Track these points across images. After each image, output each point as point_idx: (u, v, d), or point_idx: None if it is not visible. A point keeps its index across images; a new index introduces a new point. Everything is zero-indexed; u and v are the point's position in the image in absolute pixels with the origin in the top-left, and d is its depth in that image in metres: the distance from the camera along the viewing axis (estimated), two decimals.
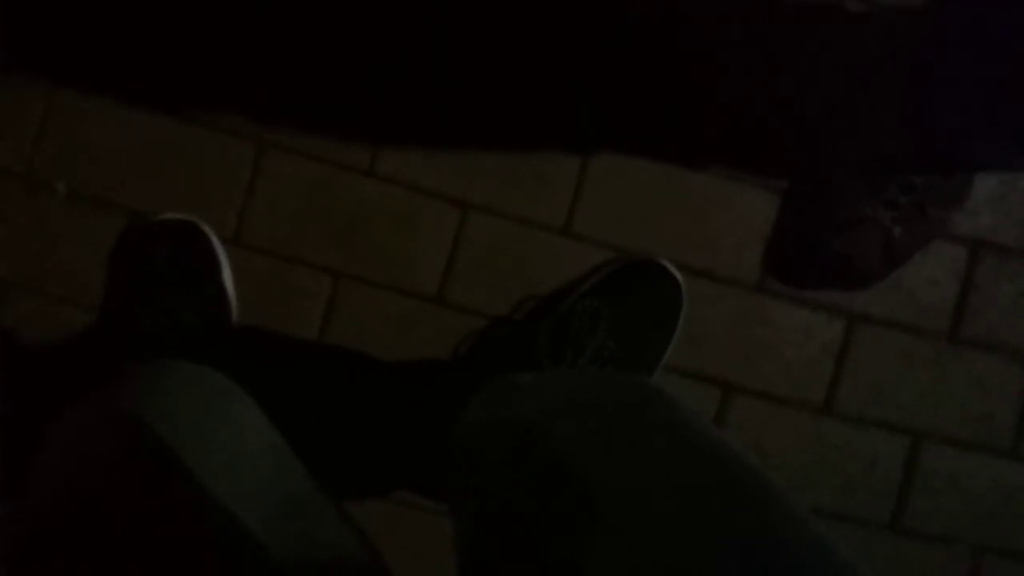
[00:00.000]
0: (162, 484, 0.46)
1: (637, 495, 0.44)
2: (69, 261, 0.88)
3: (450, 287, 0.90)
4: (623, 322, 0.84)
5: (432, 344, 0.90)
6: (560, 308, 0.85)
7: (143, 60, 0.88)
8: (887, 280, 0.91)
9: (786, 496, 0.43)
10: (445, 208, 0.90)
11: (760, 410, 0.93)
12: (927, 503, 0.94)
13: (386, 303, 0.90)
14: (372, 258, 0.90)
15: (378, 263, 0.90)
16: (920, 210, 0.86)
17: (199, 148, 0.88)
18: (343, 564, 0.48)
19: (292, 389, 0.89)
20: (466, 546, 0.55)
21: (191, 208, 0.87)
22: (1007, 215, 0.93)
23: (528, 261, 0.90)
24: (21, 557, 0.44)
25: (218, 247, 0.86)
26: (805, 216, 0.90)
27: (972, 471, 0.94)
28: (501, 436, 0.60)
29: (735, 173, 0.91)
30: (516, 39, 0.90)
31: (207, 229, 0.86)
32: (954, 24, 0.75)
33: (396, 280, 0.90)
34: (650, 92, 0.90)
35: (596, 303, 0.84)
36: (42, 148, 0.88)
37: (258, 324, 0.89)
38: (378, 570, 0.50)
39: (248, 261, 0.89)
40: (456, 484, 0.63)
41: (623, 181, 0.90)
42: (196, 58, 0.88)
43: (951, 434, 0.94)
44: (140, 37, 0.88)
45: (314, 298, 0.90)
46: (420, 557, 0.74)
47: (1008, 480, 0.95)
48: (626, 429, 0.51)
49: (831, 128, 0.91)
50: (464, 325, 0.90)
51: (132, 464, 0.47)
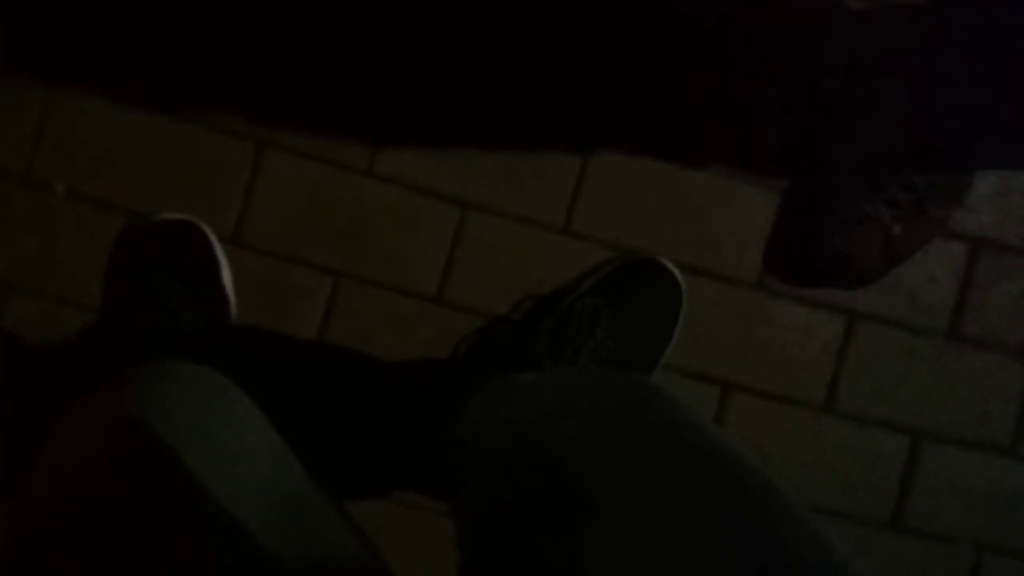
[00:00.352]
0: (162, 484, 0.46)
1: (637, 494, 0.44)
2: (68, 261, 0.88)
3: (450, 287, 0.90)
4: (623, 321, 0.84)
5: (432, 344, 0.90)
6: (560, 307, 0.85)
7: (143, 60, 0.88)
8: (887, 279, 0.91)
9: (786, 495, 0.43)
10: (445, 208, 0.90)
11: (760, 409, 0.93)
12: (927, 502, 0.94)
13: (385, 303, 0.90)
14: (371, 258, 0.90)
15: (377, 263, 0.90)
16: (920, 209, 0.85)
17: (198, 148, 0.88)
18: (343, 564, 0.48)
19: (292, 389, 0.88)
20: (467, 545, 0.55)
21: (190, 208, 0.87)
22: (1007, 213, 0.93)
23: (528, 260, 0.90)
24: (21, 557, 0.44)
25: (217, 247, 0.86)
26: (805, 215, 0.90)
27: (972, 470, 0.94)
28: (501, 436, 0.60)
29: (735, 172, 0.91)
30: (516, 39, 0.89)
31: (206, 229, 0.86)
32: (954, 23, 0.75)
33: (396, 280, 0.90)
34: (650, 92, 0.90)
35: (596, 302, 0.84)
36: (41, 148, 0.88)
37: (257, 324, 0.89)
38: (378, 570, 0.50)
39: (247, 261, 0.89)
40: (456, 483, 0.63)
41: (623, 180, 0.90)
42: (196, 58, 0.88)
43: (951, 433, 0.94)
44: (140, 37, 0.88)
45: (313, 298, 0.90)
46: (420, 557, 0.74)
47: (1008, 479, 0.95)
48: (626, 428, 0.51)
49: (831, 127, 0.91)
50: (464, 325, 0.90)
51: (132, 464, 0.47)
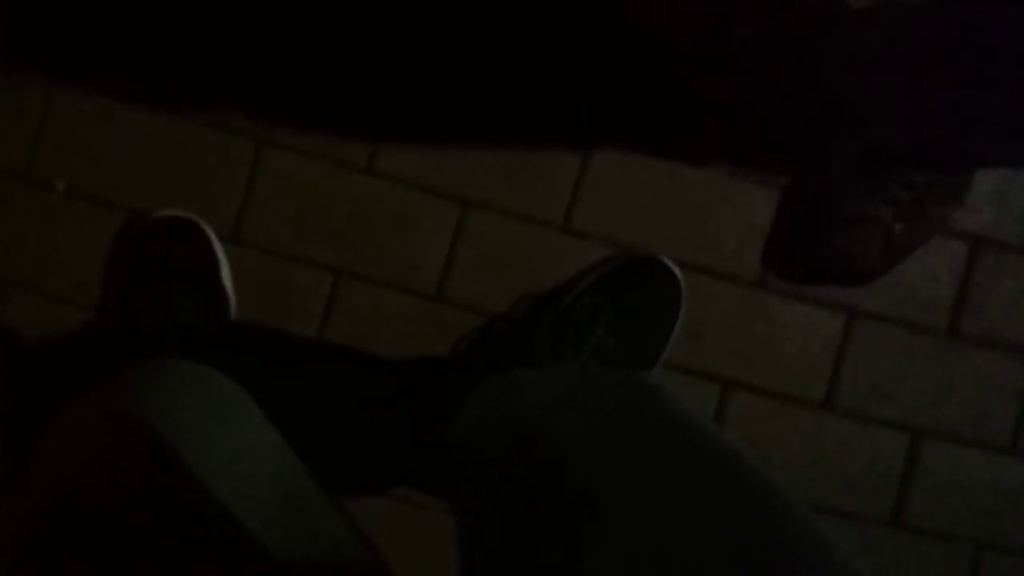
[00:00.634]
0: (162, 483, 0.46)
1: (637, 492, 0.44)
2: (68, 259, 0.88)
3: (449, 284, 0.90)
4: (623, 319, 0.84)
5: (432, 341, 0.90)
6: (560, 305, 0.85)
7: (143, 59, 0.88)
8: (887, 277, 0.91)
9: (786, 493, 0.43)
10: (444, 205, 0.90)
11: (760, 407, 0.93)
12: (927, 500, 0.94)
13: (385, 300, 0.90)
14: (371, 255, 0.90)
15: (377, 260, 0.90)
16: (920, 207, 0.85)
17: (198, 146, 0.88)
18: (343, 562, 0.48)
19: (292, 387, 0.88)
20: (467, 543, 0.55)
21: (190, 206, 0.86)
22: (1007, 212, 0.92)
23: (528, 258, 0.90)
24: (20, 557, 0.44)
25: (217, 245, 0.86)
26: (806, 213, 0.90)
27: (972, 468, 0.94)
28: (501, 433, 0.60)
29: (735, 170, 0.91)
30: (516, 38, 0.89)
31: (206, 227, 0.86)
32: (955, 21, 0.75)
33: (395, 277, 0.90)
34: (650, 91, 0.90)
35: (596, 299, 0.84)
36: (41, 146, 0.88)
37: (257, 322, 0.89)
38: (378, 568, 0.50)
39: (247, 259, 0.89)
40: (457, 481, 0.63)
41: (623, 178, 0.90)
42: (195, 56, 0.88)
43: (951, 431, 0.94)
44: (140, 36, 0.88)
45: (313, 296, 0.90)
46: (420, 555, 0.74)
47: (1008, 477, 0.95)
48: (626, 427, 0.51)
49: (832, 125, 0.91)
50: (464, 322, 0.90)
51: (132, 463, 0.47)
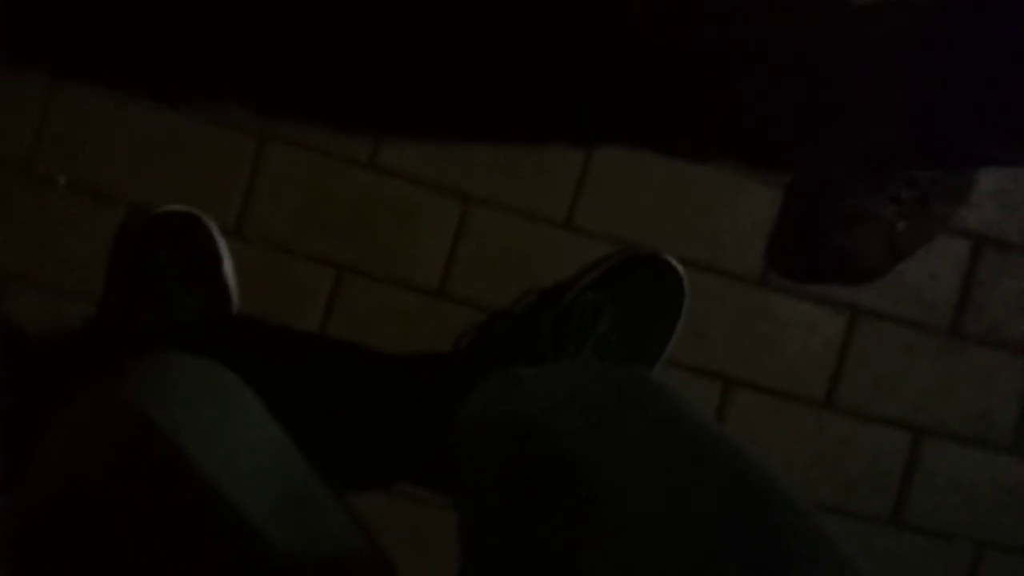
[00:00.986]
0: (163, 477, 0.46)
1: (637, 490, 0.44)
2: (70, 254, 0.88)
3: (452, 280, 0.90)
4: (625, 316, 0.84)
5: (433, 337, 0.90)
6: (562, 301, 0.85)
7: (145, 53, 0.88)
8: (890, 275, 0.91)
9: (788, 491, 0.43)
10: (447, 201, 0.90)
11: (762, 405, 0.93)
12: (928, 499, 0.94)
13: (387, 296, 0.90)
14: (373, 251, 0.90)
15: (379, 256, 0.90)
16: (923, 205, 0.85)
17: (200, 141, 0.88)
18: (346, 557, 0.48)
19: (293, 382, 0.89)
20: (469, 538, 0.55)
21: (192, 201, 0.86)
22: (1010, 210, 0.92)
23: (530, 255, 0.90)
24: (22, 551, 0.44)
25: (219, 240, 0.86)
26: (808, 211, 0.90)
27: (973, 467, 0.94)
28: (502, 430, 0.60)
29: (738, 168, 0.91)
30: (518, 37, 0.89)
31: (208, 222, 0.86)
32: (957, 20, 0.75)
33: (397, 273, 0.90)
34: (651, 91, 0.90)
35: (598, 297, 0.84)
36: (43, 141, 0.88)
37: (259, 317, 0.89)
38: (380, 562, 0.50)
39: (249, 254, 0.89)
40: (458, 478, 0.63)
41: (625, 175, 0.90)
42: (198, 51, 0.88)
43: (953, 430, 0.94)
44: (142, 30, 0.88)
45: (315, 291, 0.90)
46: (422, 549, 0.74)
47: (1009, 476, 0.95)
48: (627, 424, 0.51)
49: (834, 123, 0.90)
50: (465, 318, 0.90)
51: (133, 457, 0.47)
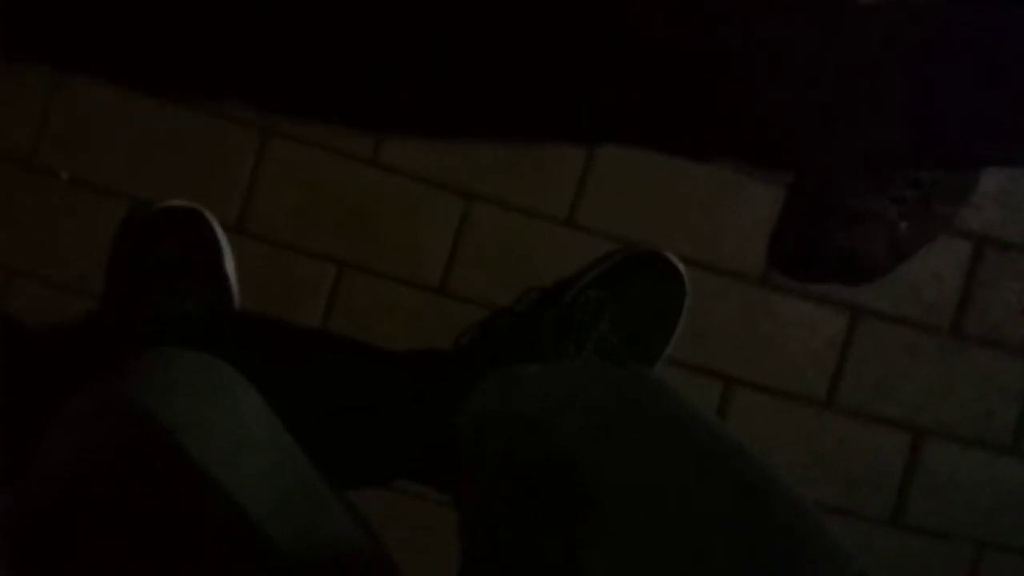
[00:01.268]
0: (164, 472, 0.46)
1: (638, 489, 0.44)
2: (71, 249, 0.88)
3: (453, 277, 0.90)
4: (626, 314, 0.84)
5: (434, 335, 0.90)
6: (563, 299, 0.85)
7: (147, 48, 0.88)
8: (891, 275, 0.91)
9: (788, 490, 0.43)
10: (449, 198, 0.90)
11: (762, 404, 0.92)
12: (928, 499, 0.94)
13: (388, 293, 0.90)
14: (374, 248, 0.90)
15: (380, 253, 0.90)
16: (926, 205, 0.85)
17: (202, 136, 0.88)
18: (346, 553, 0.48)
19: (294, 378, 0.88)
20: (469, 536, 0.55)
21: (194, 196, 0.86)
22: (1012, 211, 0.92)
23: (531, 252, 0.90)
24: (22, 549, 0.44)
25: (221, 235, 0.86)
26: (809, 210, 0.90)
27: (974, 467, 0.94)
28: (503, 429, 0.60)
29: (739, 167, 0.91)
30: (519, 36, 0.89)
31: (210, 217, 0.86)
32: (959, 20, 0.74)
33: (398, 270, 0.90)
34: (652, 90, 0.90)
35: (599, 295, 0.84)
36: (45, 136, 0.88)
37: (260, 312, 0.89)
38: (381, 559, 0.50)
39: (251, 249, 0.89)
40: (458, 475, 0.63)
41: (627, 173, 0.90)
42: (200, 47, 0.88)
43: (953, 430, 0.94)
44: (145, 25, 0.88)
45: (316, 287, 0.90)
46: (423, 546, 0.74)
47: (1009, 477, 0.95)
48: (628, 423, 0.51)
49: (836, 123, 0.90)
50: (467, 316, 0.90)
51: (134, 452, 0.47)
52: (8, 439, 0.73)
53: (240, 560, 0.43)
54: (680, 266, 0.87)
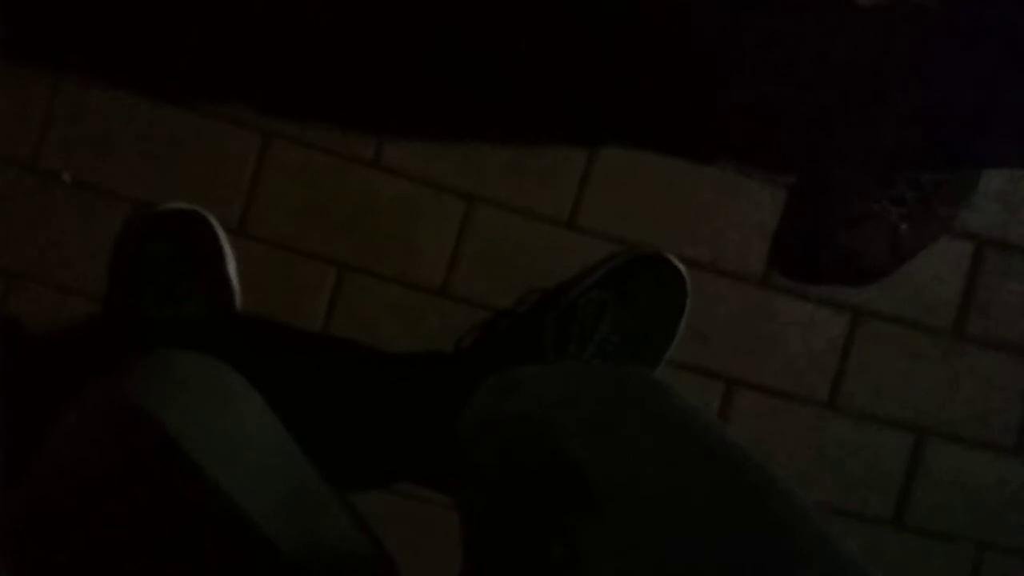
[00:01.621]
0: (165, 474, 0.46)
1: (639, 491, 0.44)
2: (74, 250, 0.88)
3: (455, 279, 0.90)
4: (628, 316, 0.84)
5: (436, 336, 0.90)
6: (565, 301, 0.85)
7: (150, 50, 0.88)
8: (893, 276, 0.91)
9: (789, 491, 0.43)
10: (450, 200, 0.90)
11: (764, 405, 0.92)
12: (930, 500, 0.94)
13: (390, 295, 0.90)
14: (376, 249, 0.90)
15: (382, 255, 0.90)
16: (927, 207, 0.85)
17: (204, 138, 0.88)
18: (348, 555, 0.48)
19: (296, 380, 0.88)
20: (470, 538, 0.55)
21: (196, 198, 0.86)
22: (1014, 212, 0.92)
23: (533, 254, 0.90)
24: (23, 548, 0.44)
25: (222, 237, 0.86)
26: (811, 211, 0.90)
27: (975, 468, 0.94)
28: (504, 430, 0.60)
29: (741, 168, 0.91)
30: (522, 38, 0.89)
31: (212, 219, 0.86)
32: (962, 20, 0.74)
33: (400, 272, 0.90)
34: (653, 91, 0.90)
35: (601, 296, 0.84)
36: (47, 138, 0.88)
37: (262, 314, 0.89)
38: (382, 561, 0.50)
39: (252, 251, 0.89)
40: (459, 477, 0.63)
41: (628, 175, 0.90)
42: (202, 48, 0.88)
43: (955, 431, 0.94)
44: (148, 28, 0.88)
45: (318, 289, 0.90)
46: (423, 549, 0.74)
47: (1011, 478, 0.95)
48: (628, 424, 0.51)
49: (837, 123, 0.90)
50: (468, 317, 0.90)
51: (135, 454, 0.47)
52: (9, 439, 0.73)
53: (241, 561, 0.43)
54: (681, 267, 0.87)
